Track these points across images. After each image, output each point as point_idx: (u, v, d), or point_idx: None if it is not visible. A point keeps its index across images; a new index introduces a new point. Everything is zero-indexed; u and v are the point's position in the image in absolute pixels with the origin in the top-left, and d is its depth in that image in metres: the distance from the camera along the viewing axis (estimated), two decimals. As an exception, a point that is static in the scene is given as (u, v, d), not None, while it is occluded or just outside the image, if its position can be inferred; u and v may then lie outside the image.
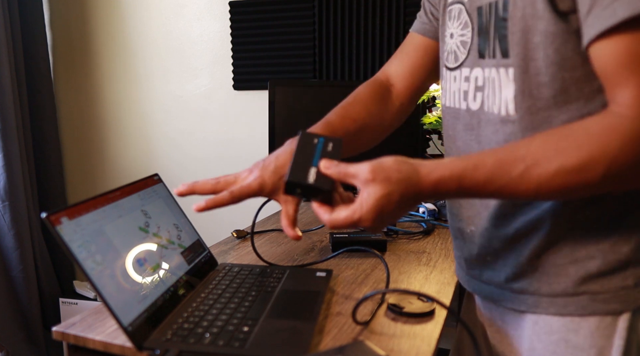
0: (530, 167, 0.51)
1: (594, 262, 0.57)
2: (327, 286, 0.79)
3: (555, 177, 0.50)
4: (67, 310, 2.14)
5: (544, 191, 0.51)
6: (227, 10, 2.02)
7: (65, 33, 2.31)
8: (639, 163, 0.48)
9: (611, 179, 0.49)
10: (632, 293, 0.55)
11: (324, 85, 1.58)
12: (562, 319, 0.59)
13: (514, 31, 0.57)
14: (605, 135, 0.49)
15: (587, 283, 0.57)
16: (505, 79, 0.59)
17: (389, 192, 0.55)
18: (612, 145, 0.48)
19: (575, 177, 0.49)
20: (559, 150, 0.50)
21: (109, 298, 0.59)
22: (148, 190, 0.79)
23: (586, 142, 0.50)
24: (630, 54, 0.47)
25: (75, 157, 2.41)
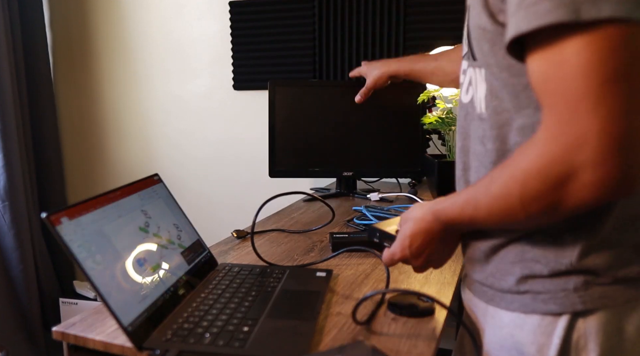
0: (478, 200, 0.57)
1: (538, 265, 0.59)
2: (327, 286, 0.79)
3: (492, 204, 0.55)
4: (67, 310, 2.14)
5: (492, 220, 0.57)
6: (227, 10, 2.02)
7: (65, 33, 2.32)
8: (551, 193, 0.48)
9: (529, 205, 0.50)
10: (571, 296, 0.57)
11: (324, 85, 1.58)
12: (511, 314, 0.62)
13: (474, 37, 0.60)
14: (517, 158, 0.51)
15: (530, 283, 0.60)
16: (480, 78, 0.62)
17: (409, 227, 0.68)
18: (520, 167, 0.50)
19: (500, 202, 0.53)
20: (493, 178, 0.55)
21: (109, 298, 0.59)
22: (148, 190, 0.79)
23: (507, 165, 0.53)
24: (541, 73, 0.47)
25: (75, 157, 2.41)
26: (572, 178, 0.46)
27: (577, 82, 0.44)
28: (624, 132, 0.43)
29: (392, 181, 1.82)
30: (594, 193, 0.46)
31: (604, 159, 0.44)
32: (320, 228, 1.17)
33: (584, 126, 0.44)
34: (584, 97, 0.44)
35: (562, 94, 0.45)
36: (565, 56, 0.44)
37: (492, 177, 0.55)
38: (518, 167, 0.51)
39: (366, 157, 1.56)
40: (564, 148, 0.45)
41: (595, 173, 0.44)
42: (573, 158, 0.45)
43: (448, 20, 1.73)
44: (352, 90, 1.55)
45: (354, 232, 1.07)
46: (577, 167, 0.45)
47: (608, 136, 0.43)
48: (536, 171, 0.48)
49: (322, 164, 1.56)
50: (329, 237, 1.09)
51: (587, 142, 0.44)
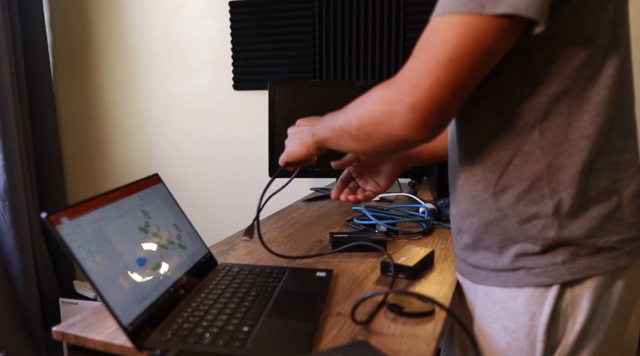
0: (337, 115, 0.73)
1: (528, 244, 0.66)
2: (327, 286, 0.79)
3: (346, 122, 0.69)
4: (67, 310, 2.15)
5: (338, 132, 0.71)
6: (227, 10, 2.02)
7: (65, 33, 2.32)
8: (377, 119, 0.60)
9: (366, 120, 0.63)
10: (560, 269, 0.64)
11: (324, 85, 1.58)
12: (504, 290, 0.69)
13: None
14: (375, 89, 0.63)
15: (522, 260, 0.67)
16: None
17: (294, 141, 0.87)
18: (371, 95, 0.63)
19: (350, 119, 0.67)
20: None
21: (109, 298, 0.59)
22: (148, 190, 0.79)
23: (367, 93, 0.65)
24: (424, 34, 0.58)
25: (75, 157, 2.41)
26: (395, 113, 0.58)
27: (436, 47, 0.55)
28: (441, 98, 0.55)
29: (392, 181, 1.82)
30: (404, 130, 0.58)
31: (418, 108, 0.56)
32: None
33: (420, 79, 0.55)
34: (433, 58, 0.55)
35: (423, 51, 0.57)
36: (441, 28, 0.55)
37: (351, 105, 0.69)
38: (369, 96, 0.63)
39: (366, 157, 1.56)
40: (403, 89, 0.57)
41: (412, 115, 0.56)
42: (402, 98, 0.57)
43: (448, 20, 1.73)
44: (352, 90, 1.55)
45: (354, 232, 1.07)
46: (402, 105, 0.57)
47: (430, 95, 0.55)
48: (380, 99, 0.60)
49: (322, 164, 1.56)
50: (329, 236, 1.09)
51: (416, 91, 0.56)
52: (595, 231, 0.63)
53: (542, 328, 0.65)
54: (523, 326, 0.66)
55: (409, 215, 1.23)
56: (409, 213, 1.24)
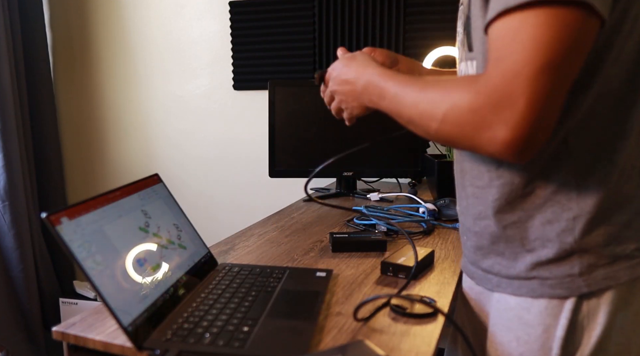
0: (407, 94, 0.63)
1: (545, 250, 0.63)
2: (327, 286, 0.79)
3: (414, 105, 0.61)
4: (67, 310, 2.15)
5: (405, 114, 0.63)
6: (227, 10, 2.02)
7: (65, 33, 2.32)
8: (466, 129, 0.54)
9: (450, 123, 0.55)
10: (576, 280, 0.61)
11: (324, 85, 1.57)
12: (518, 299, 0.66)
13: (474, 27, 0.63)
14: (459, 85, 0.56)
15: (537, 269, 0.64)
16: (471, 71, 0.66)
17: (348, 63, 0.78)
18: (457, 93, 0.55)
19: (421, 109, 0.60)
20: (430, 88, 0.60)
21: (109, 298, 0.59)
22: (148, 190, 0.79)
23: (447, 85, 0.58)
24: (502, 38, 0.52)
25: (75, 157, 2.41)
26: (488, 127, 0.51)
27: (528, 51, 0.48)
28: (544, 110, 0.49)
29: (392, 181, 1.82)
30: (500, 149, 0.52)
31: (520, 126, 0.49)
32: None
33: (519, 91, 0.49)
34: (528, 64, 0.48)
35: (512, 53, 0.49)
36: (526, 25, 0.49)
37: (429, 84, 0.60)
38: (453, 93, 0.55)
39: (366, 157, 1.56)
40: (496, 101, 0.50)
41: (508, 132, 0.50)
42: (498, 112, 0.50)
43: (448, 20, 1.73)
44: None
45: (354, 232, 1.07)
46: (497, 121, 0.50)
47: (532, 108, 0.49)
48: (467, 107, 0.53)
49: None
50: (329, 237, 1.09)
51: (515, 105, 0.49)
52: (614, 238, 0.61)
53: (558, 341, 0.62)
54: (537, 338, 0.64)
55: (409, 215, 1.23)
56: (409, 213, 1.24)
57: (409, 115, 0.62)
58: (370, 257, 0.97)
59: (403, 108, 0.63)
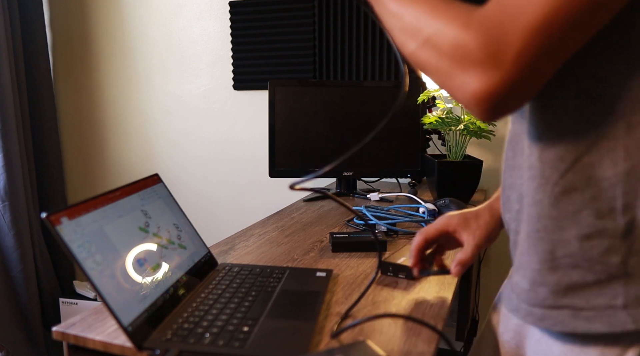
0: None
1: (578, 272, 0.51)
2: (327, 286, 0.79)
3: (407, 13, 0.52)
4: (67, 310, 2.15)
5: (395, 23, 0.54)
6: (227, 10, 2.02)
7: (65, 33, 2.32)
8: (447, 59, 0.47)
9: (429, 48, 0.49)
10: (619, 314, 0.49)
11: (324, 85, 1.58)
12: (562, 346, 0.54)
13: None
14: (455, 13, 0.48)
15: (570, 295, 0.51)
16: None
17: None
18: (446, 20, 0.48)
19: (409, 23, 0.51)
20: None
21: (109, 298, 0.59)
22: (148, 190, 0.79)
23: (445, 10, 0.50)
24: None
25: (75, 157, 2.41)
26: (464, 70, 0.46)
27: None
28: (532, 72, 0.44)
29: (392, 181, 1.82)
30: (464, 94, 0.46)
31: (498, 81, 0.44)
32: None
33: (512, 39, 0.43)
34: (533, 11, 0.42)
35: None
36: None
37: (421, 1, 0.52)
38: (443, 19, 0.49)
39: (366, 157, 1.56)
40: (483, 44, 0.44)
41: (482, 83, 0.45)
42: (480, 58, 0.44)
43: (448, 20, 1.73)
44: (352, 90, 1.55)
45: (354, 232, 1.07)
46: (476, 66, 0.45)
47: (520, 64, 0.43)
48: (451, 39, 0.47)
49: (322, 164, 1.56)
50: (329, 237, 1.09)
51: (501, 55, 0.43)
52: None
53: None
54: None
55: (409, 215, 1.23)
56: (409, 213, 1.24)
57: (390, 23, 0.54)
58: (370, 257, 0.97)
59: (388, 13, 0.55)
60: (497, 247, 1.80)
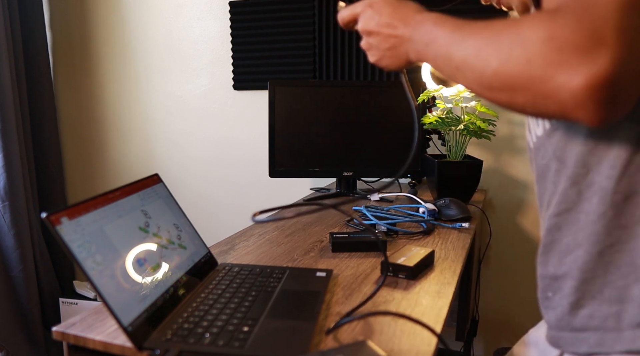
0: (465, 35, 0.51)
1: None
2: (327, 286, 0.79)
3: (476, 42, 0.49)
4: (67, 310, 2.15)
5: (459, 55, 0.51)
6: (227, 10, 2.02)
7: (65, 33, 2.32)
8: (543, 57, 0.42)
9: (515, 61, 0.44)
10: None
11: (324, 85, 1.58)
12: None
13: None
14: (526, 19, 0.45)
15: None
16: None
17: None
18: (526, 25, 0.44)
19: (485, 42, 0.48)
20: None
21: (109, 298, 0.59)
22: (148, 190, 0.79)
23: (509, 21, 0.47)
24: None
25: (75, 157, 2.41)
26: (565, 66, 0.40)
27: None
28: (636, 33, 0.39)
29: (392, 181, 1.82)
30: (571, 93, 0.41)
31: (606, 69, 0.39)
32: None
33: (609, 25, 0.39)
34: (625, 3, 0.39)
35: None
36: None
37: (493, 22, 0.48)
38: (523, 25, 0.44)
39: (366, 157, 1.56)
40: (579, 35, 0.40)
41: (589, 74, 0.39)
42: (580, 49, 0.40)
43: (448, 20, 1.73)
44: (352, 90, 1.55)
45: (354, 232, 1.07)
46: (578, 58, 0.40)
47: (625, 47, 0.39)
48: (540, 38, 0.42)
49: (322, 164, 1.56)
50: (329, 237, 1.09)
51: (603, 42, 0.39)
52: None
53: None
54: None
55: (409, 215, 1.23)
56: (409, 213, 1.24)
57: (463, 55, 0.50)
58: (370, 256, 0.97)
59: (457, 49, 0.51)
60: (497, 247, 1.80)
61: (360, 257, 0.97)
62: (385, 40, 0.65)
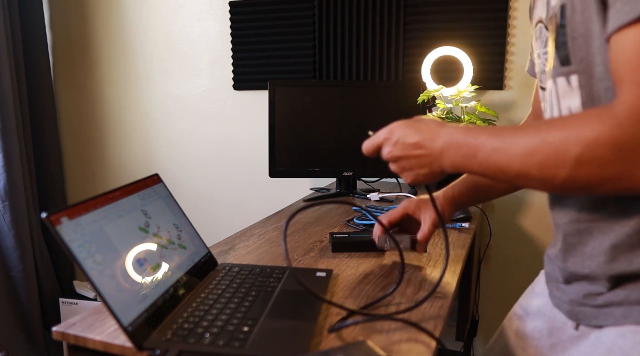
0: (513, 142, 0.53)
1: None
2: (327, 286, 0.79)
3: (530, 154, 0.51)
4: (67, 310, 2.15)
5: (518, 166, 0.53)
6: (227, 10, 2.02)
7: (65, 33, 2.32)
8: (613, 164, 0.46)
9: (587, 164, 0.48)
10: None
11: (324, 85, 1.58)
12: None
13: (574, 36, 0.55)
14: (586, 120, 0.48)
15: None
16: (566, 88, 0.58)
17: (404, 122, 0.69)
18: (588, 128, 0.47)
19: (546, 156, 0.50)
20: (546, 127, 0.52)
21: (109, 298, 0.59)
22: (148, 190, 0.79)
23: (568, 123, 0.50)
24: (637, 51, 0.45)
25: (75, 157, 2.41)
26: (629, 173, 0.45)
27: None
28: None
29: (392, 181, 1.82)
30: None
31: None
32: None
33: None
34: None
35: None
36: None
37: (542, 128, 0.51)
38: (584, 130, 0.47)
39: (366, 157, 1.56)
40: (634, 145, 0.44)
41: None
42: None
43: (448, 20, 1.73)
44: (352, 90, 1.55)
45: (354, 232, 1.07)
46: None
47: None
48: (609, 142, 0.46)
49: (322, 164, 1.56)
50: (329, 237, 1.09)
51: None
52: None
53: None
54: None
55: (409, 215, 1.23)
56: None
57: (521, 168, 0.52)
58: (370, 256, 0.97)
59: (511, 162, 0.53)
60: (497, 247, 1.80)
61: (360, 257, 0.97)
62: (416, 161, 0.67)
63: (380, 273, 0.88)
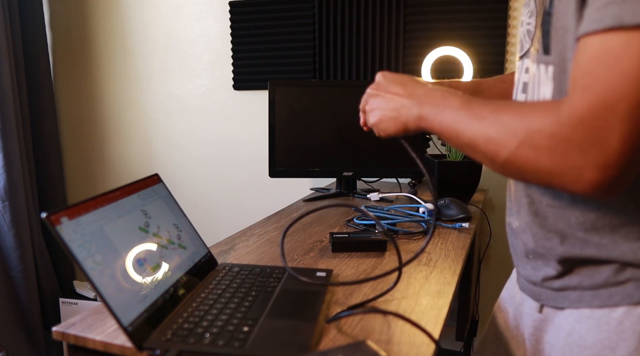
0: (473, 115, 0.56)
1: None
2: (327, 286, 0.79)
3: (483, 130, 0.54)
4: (67, 310, 2.15)
5: (468, 141, 0.56)
6: (227, 10, 2.02)
7: (65, 33, 2.32)
8: (549, 160, 0.48)
9: (527, 149, 0.50)
10: None
11: (324, 85, 1.58)
12: (600, 311, 0.60)
13: (557, 27, 0.56)
14: (538, 110, 0.51)
15: (629, 270, 0.57)
16: (544, 76, 0.60)
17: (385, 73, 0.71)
18: (537, 118, 0.50)
19: (493, 134, 0.53)
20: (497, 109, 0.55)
21: (109, 298, 0.59)
22: (148, 190, 0.79)
23: (523, 108, 0.52)
24: (597, 60, 0.46)
25: (75, 157, 2.41)
26: (572, 163, 0.47)
27: (627, 81, 0.43)
28: (638, 150, 0.45)
29: (392, 181, 1.82)
30: (584, 189, 0.48)
31: (609, 167, 0.45)
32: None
33: (610, 128, 0.44)
34: (626, 98, 0.43)
35: (607, 82, 0.44)
36: (632, 50, 0.43)
37: (502, 107, 0.54)
38: (532, 118, 0.50)
39: (366, 157, 1.56)
40: (583, 136, 0.45)
41: (599, 174, 0.46)
42: (584, 150, 0.46)
43: (448, 20, 1.73)
44: (352, 90, 1.55)
45: (354, 232, 1.07)
46: (582, 159, 0.46)
47: (625, 149, 0.44)
48: (549, 134, 0.48)
49: (322, 164, 1.56)
50: (329, 237, 1.09)
51: (605, 144, 0.45)
52: None
53: None
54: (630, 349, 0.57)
55: (409, 215, 1.23)
56: (409, 213, 1.24)
57: (472, 137, 0.55)
58: (370, 256, 0.97)
59: (466, 128, 0.56)
60: (497, 247, 1.80)
61: (360, 257, 0.97)
62: (390, 100, 0.68)
63: (380, 271, 0.88)
